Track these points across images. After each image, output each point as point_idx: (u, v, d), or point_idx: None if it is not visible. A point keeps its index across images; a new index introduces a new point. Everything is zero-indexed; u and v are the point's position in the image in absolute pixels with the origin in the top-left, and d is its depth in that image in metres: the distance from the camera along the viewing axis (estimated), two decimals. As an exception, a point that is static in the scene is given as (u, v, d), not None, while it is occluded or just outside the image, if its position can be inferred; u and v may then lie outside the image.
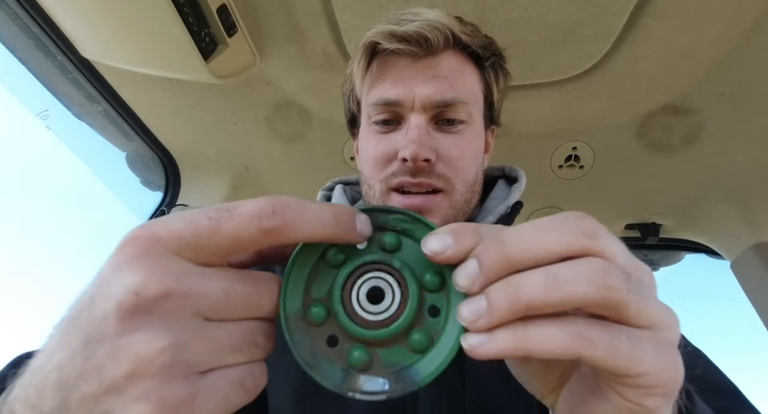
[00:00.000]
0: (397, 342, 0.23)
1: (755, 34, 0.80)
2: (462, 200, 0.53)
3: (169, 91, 0.98)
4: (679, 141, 1.04)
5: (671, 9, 0.76)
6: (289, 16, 0.84)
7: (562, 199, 1.28)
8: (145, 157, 1.18)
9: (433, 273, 0.24)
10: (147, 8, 0.72)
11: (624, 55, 0.85)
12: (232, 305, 0.20)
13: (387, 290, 0.23)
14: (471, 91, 0.54)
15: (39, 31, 0.80)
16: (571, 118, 1.04)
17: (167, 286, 0.18)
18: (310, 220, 0.21)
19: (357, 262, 0.24)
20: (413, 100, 0.51)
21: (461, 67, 0.54)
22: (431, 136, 0.51)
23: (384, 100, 0.52)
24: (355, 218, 0.22)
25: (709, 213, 1.22)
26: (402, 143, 0.50)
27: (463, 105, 0.52)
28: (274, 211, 0.20)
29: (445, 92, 0.51)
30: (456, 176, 0.51)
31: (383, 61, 0.53)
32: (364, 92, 0.56)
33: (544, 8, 0.78)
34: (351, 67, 0.58)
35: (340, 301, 0.23)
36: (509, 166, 0.64)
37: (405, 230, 0.25)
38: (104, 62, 0.88)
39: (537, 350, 0.19)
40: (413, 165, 0.49)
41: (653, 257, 1.46)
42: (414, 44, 0.50)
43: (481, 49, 0.54)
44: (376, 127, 0.54)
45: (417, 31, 0.50)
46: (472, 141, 0.54)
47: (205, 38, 0.79)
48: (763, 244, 1.13)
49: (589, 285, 0.19)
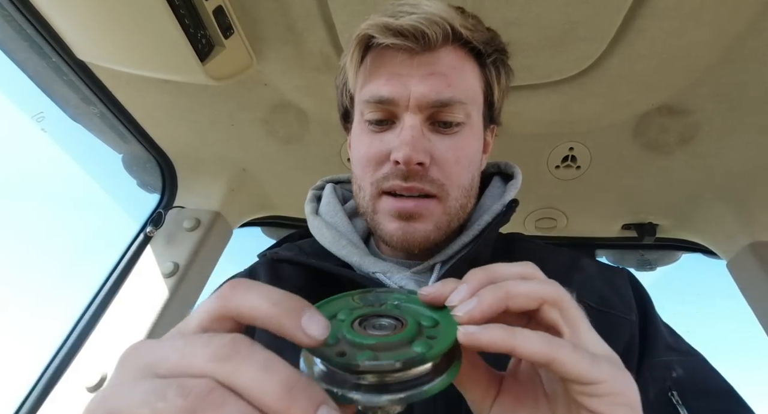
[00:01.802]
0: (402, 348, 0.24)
1: (749, 36, 0.80)
2: (457, 206, 0.50)
3: (165, 93, 0.98)
4: (675, 141, 1.05)
5: (666, 10, 0.77)
6: (286, 17, 0.84)
7: (559, 200, 1.29)
8: (141, 159, 1.18)
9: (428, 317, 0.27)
10: (143, 10, 0.71)
11: (620, 56, 0.86)
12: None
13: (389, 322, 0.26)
14: (470, 90, 0.51)
15: (34, 32, 0.80)
16: (567, 119, 1.04)
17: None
18: (250, 316, 0.21)
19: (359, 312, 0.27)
20: (408, 98, 0.47)
21: (461, 63, 0.50)
22: (426, 138, 0.48)
23: (377, 98, 0.48)
24: (302, 317, 0.21)
25: (706, 213, 1.22)
26: (395, 144, 0.47)
27: (461, 105, 0.49)
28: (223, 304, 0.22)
29: (442, 91, 0.47)
30: (450, 182, 0.49)
31: (377, 56, 0.50)
32: (357, 87, 0.53)
33: (540, 9, 0.78)
34: (344, 60, 0.55)
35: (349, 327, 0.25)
36: (505, 162, 0.61)
37: (401, 306, 0.28)
38: (100, 64, 0.87)
39: (520, 348, 0.23)
40: (406, 168, 0.46)
41: (650, 257, 1.47)
42: (410, 39, 0.46)
43: (482, 45, 0.51)
44: (369, 126, 0.51)
45: (414, 25, 0.46)
46: (469, 143, 0.51)
47: (201, 40, 0.78)
48: (759, 244, 1.14)
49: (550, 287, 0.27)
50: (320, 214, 0.59)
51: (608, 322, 0.47)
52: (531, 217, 1.35)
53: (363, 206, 0.52)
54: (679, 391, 0.43)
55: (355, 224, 0.58)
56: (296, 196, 1.27)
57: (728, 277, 1.22)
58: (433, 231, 0.49)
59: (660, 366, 0.46)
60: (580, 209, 1.32)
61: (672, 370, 0.45)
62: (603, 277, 0.53)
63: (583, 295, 0.46)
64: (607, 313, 0.48)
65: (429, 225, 0.48)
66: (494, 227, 0.52)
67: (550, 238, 1.40)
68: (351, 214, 0.59)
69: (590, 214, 1.33)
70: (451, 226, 0.51)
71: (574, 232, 1.39)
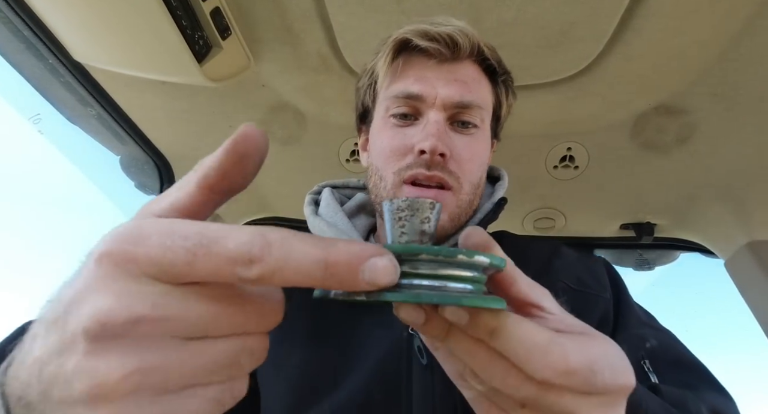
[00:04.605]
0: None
1: (746, 35, 0.80)
2: (467, 200, 0.54)
3: (162, 95, 0.97)
4: (673, 141, 1.05)
5: (663, 10, 0.77)
6: (283, 18, 0.84)
7: (558, 200, 1.29)
8: (139, 160, 1.17)
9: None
10: (140, 11, 0.71)
11: (617, 56, 0.86)
12: (215, 327, 0.19)
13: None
14: (485, 100, 0.57)
15: (30, 34, 0.80)
16: (565, 119, 1.04)
17: (138, 313, 0.17)
18: (296, 270, 0.17)
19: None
20: (435, 97, 0.53)
21: (479, 77, 0.57)
22: (447, 134, 0.53)
23: (407, 94, 0.54)
24: (362, 266, 0.18)
25: (703, 212, 1.23)
26: (420, 137, 0.52)
27: (479, 109, 0.55)
28: (252, 260, 0.17)
29: (465, 95, 0.53)
30: (464, 176, 0.53)
31: (409, 59, 0.56)
32: (384, 86, 0.57)
33: (538, 10, 0.78)
34: (373, 62, 0.60)
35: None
36: (491, 166, 0.66)
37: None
38: (97, 65, 0.87)
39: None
40: (430, 157, 0.50)
41: (648, 257, 1.47)
42: (443, 45, 0.53)
43: (497, 64, 0.58)
44: (393, 120, 0.55)
45: (450, 34, 0.53)
46: (482, 145, 0.57)
47: (198, 41, 0.78)
48: (757, 243, 1.14)
49: None
50: (320, 215, 0.61)
51: (584, 299, 0.52)
52: (529, 218, 1.35)
53: (382, 196, 0.55)
54: (651, 360, 0.47)
55: (354, 223, 0.60)
56: (294, 197, 1.27)
57: (726, 276, 1.23)
58: (448, 221, 0.53)
59: (635, 337, 0.50)
60: (578, 209, 1.32)
61: (646, 341, 0.49)
62: (581, 262, 0.59)
63: (562, 277, 0.53)
64: (582, 293, 0.53)
65: (445, 215, 0.52)
66: (483, 224, 0.57)
67: (549, 238, 1.41)
68: (350, 214, 0.62)
69: (588, 214, 1.34)
70: (461, 220, 0.55)
71: (572, 232, 1.39)
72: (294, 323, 0.49)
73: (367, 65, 0.62)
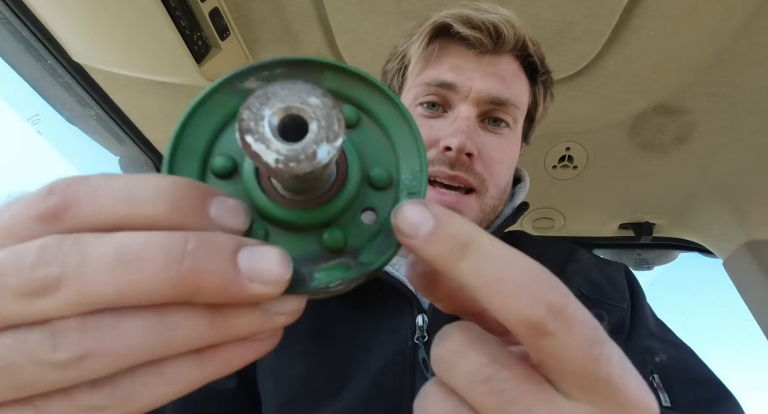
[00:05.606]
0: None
1: (743, 35, 0.81)
2: (491, 205, 0.50)
3: (161, 95, 0.97)
4: (671, 141, 1.05)
5: (661, 10, 0.77)
6: (282, 19, 0.84)
7: (556, 200, 1.29)
8: (138, 161, 1.17)
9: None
10: (139, 12, 0.71)
11: (615, 56, 0.86)
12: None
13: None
14: (522, 99, 0.53)
15: (30, 35, 0.80)
16: (563, 119, 1.04)
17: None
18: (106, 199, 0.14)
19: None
20: (469, 89, 0.48)
21: (518, 73, 0.52)
22: (476, 132, 0.48)
23: (439, 81, 0.49)
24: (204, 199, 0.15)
25: (702, 212, 1.23)
26: (448, 132, 0.47)
27: (514, 108, 0.50)
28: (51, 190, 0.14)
29: (502, 90, 0.49)
30: (491, 179, 0.49)
31: (446, 45, 0.51)
32: (415, 72, 0.52)
33: (536, 10, 0.78)
34: (405, 45, 0.54)
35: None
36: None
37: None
38: (96, 66, 0.87)
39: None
40: (455, 156, 0.46)
41: (647, 256, 1.48)
42: (486, 35, 0.48)
43: (539, 62, 0.53)
44: (420, 109, 0.50)
45: (495, 24, 0.48)
46: (512, 147, 0.52)
47: (197, 42, 0.78)
48: (755, 242, 1.14)
49: None
50: None
51: (597, 308, 0.49)
52: (528, 217, 1.36)
53: None
54: (661, 376, 0.44)
55: None
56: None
57: (725, 275, 1.23)
58: None
59: (641, 349, 0.47)
60: (577, 209, 1.32)
61: (654, 355, 0.46)
62: (598, 268, 0.55)
63: (576, 283, 0.49)
64: (597, 301, 0.49)
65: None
66: (501, 228, 0.54)
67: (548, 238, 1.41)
68: None
69: (587, 214, 1.34)
70: (482, 227, 0.51)
71: (571, 231, 1.39)
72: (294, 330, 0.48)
73: (399, 48, 0.56)
